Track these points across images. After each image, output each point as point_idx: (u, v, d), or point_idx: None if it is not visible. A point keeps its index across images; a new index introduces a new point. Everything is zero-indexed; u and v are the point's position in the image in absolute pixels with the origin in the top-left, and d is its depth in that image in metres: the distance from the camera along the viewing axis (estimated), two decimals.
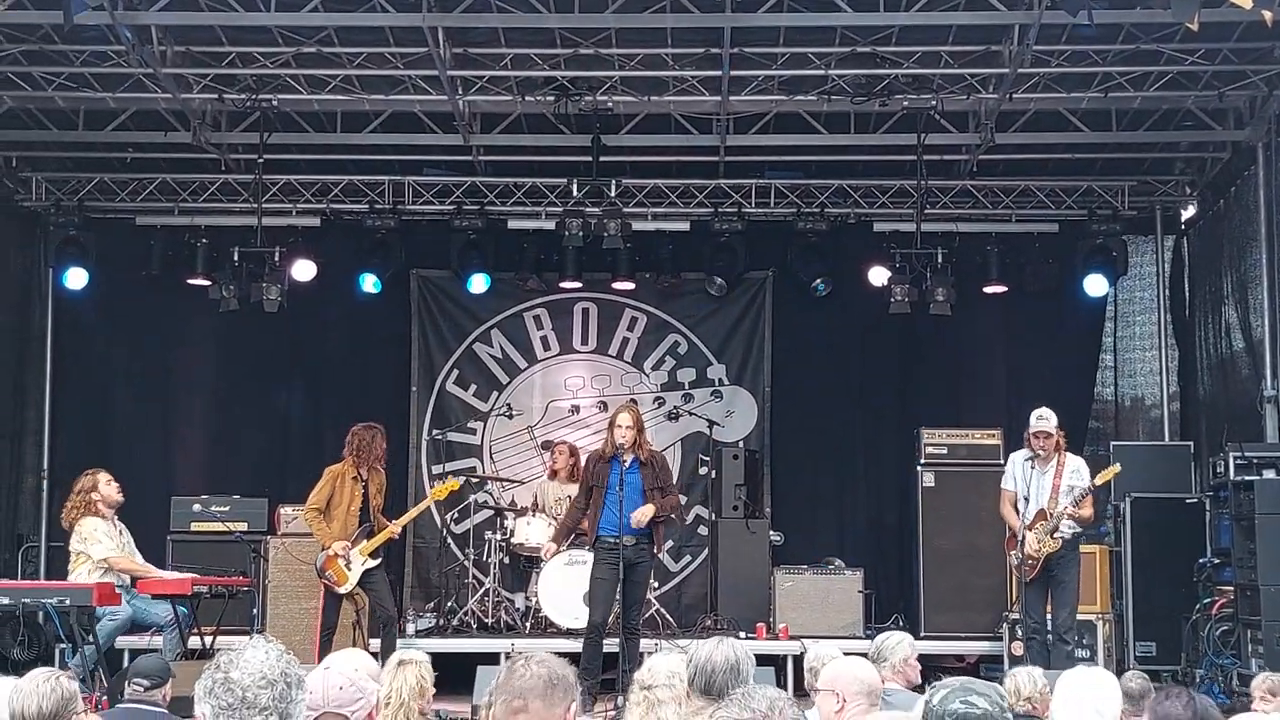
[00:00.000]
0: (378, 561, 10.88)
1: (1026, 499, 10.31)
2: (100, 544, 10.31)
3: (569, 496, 11.76)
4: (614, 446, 10.25)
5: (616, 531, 10.16)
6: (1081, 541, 10.70)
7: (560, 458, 13.16)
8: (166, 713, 6.67)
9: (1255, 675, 7.39)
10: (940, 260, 13.18)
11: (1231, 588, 11.20)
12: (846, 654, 5.72)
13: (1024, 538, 10.24)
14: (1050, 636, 10.24)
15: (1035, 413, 10.40)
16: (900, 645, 6.46)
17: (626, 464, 10.27)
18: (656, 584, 12.86)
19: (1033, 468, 10.37)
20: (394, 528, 10.97)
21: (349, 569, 10.75)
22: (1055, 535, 10.23)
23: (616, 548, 10.19)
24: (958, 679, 3.87)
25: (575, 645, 10.39)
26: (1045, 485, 10.35)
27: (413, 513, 11.90)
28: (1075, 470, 10.38)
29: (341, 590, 10.82)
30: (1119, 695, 4.96)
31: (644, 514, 10.19)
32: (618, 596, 10.26)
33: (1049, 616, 10.31)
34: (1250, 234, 12.37)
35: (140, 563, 10.59)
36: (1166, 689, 4.78)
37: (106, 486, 10.55)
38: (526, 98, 12.15)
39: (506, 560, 12.87)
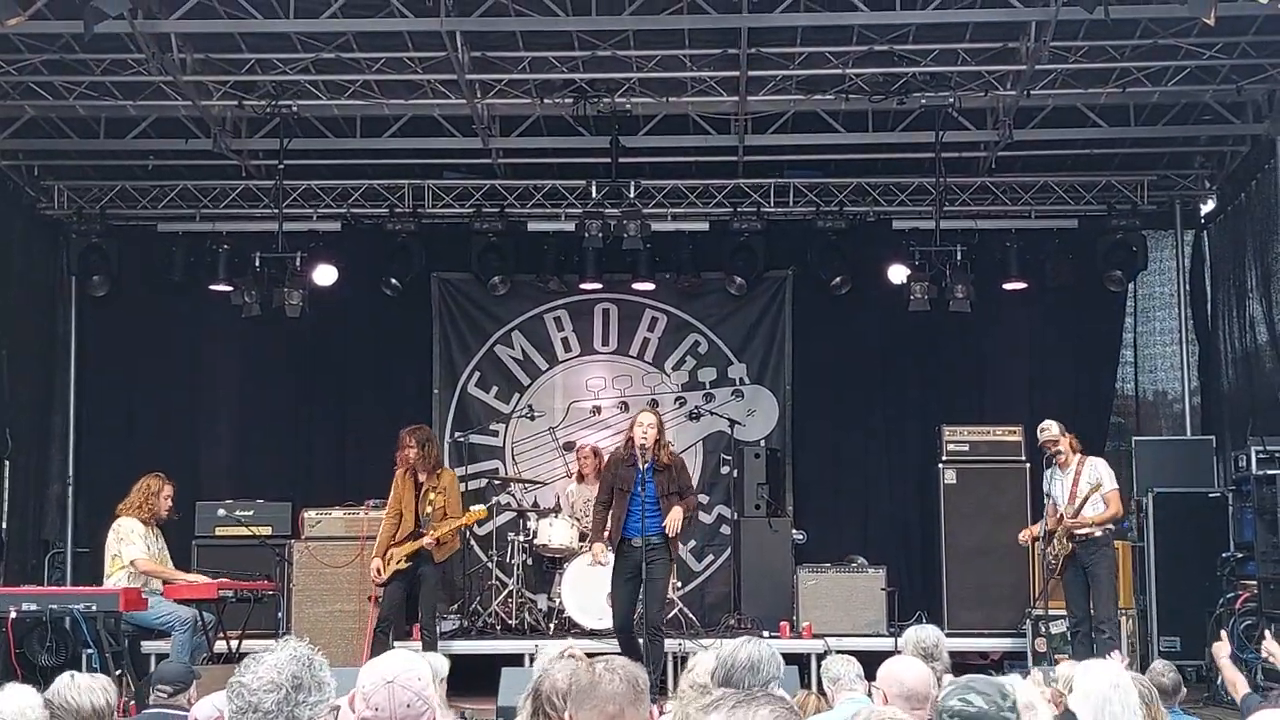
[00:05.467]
0: (407, 565, 10.88)
1: (1054, 501, 10.83)
2: (133, 545, 10.38)
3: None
4: (636, 446, 10.27)
5: (633, 535, 10.26)
6: (1113, 538, 10.97)
7: (586, 461, 13.18)
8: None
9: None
10: (960, 257, 13.20)
11: (1255, 582, 11.17)
12: (887, 654, 5.70)
13: (1045, 538, 10.73)
14: (1092, 630, 10.49)
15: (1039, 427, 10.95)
16: (942, 641, 6.45)
17: (644, 468, 10.29)
18: (679, 584, 12.87)
19: (1056, 474, 10.81)
20: (426, 539, 10.83)
21: (387, 566, 10.90)
22: (1070, 539, 10.56)
23: (633, 551, 10.26)
24: (965, 677, 3.89)
25: (599, 645, 10.41)
26: (1065, 488, 10.69)
27: (442, 528, 10.95)
28: (1093, 468, 10.65)
29: (378, 584, 10.99)
30: (1135, 693, 4.97)
31: (675, 521, 10.25)
32: (640, 598, 10.29)
33: (1091, 610, 10.61)
34: (1272, 227, 12.33)
35: (169, 569, 10.65)
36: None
37: (165, 500, 10.66)
38: (545, 100, 12.19)
39: (529, 561, 12.90)
